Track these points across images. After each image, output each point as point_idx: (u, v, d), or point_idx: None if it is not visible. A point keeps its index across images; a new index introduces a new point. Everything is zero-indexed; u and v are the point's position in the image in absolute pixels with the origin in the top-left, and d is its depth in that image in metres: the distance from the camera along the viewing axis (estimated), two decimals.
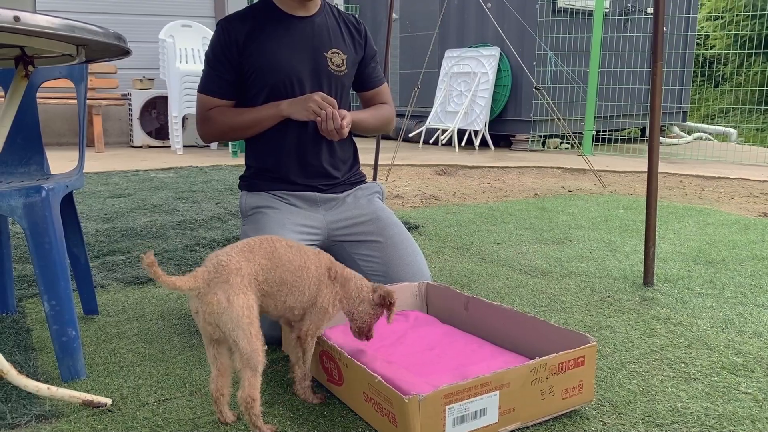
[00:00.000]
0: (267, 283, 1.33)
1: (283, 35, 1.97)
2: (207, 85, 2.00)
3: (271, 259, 1.35)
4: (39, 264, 1.51)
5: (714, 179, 5.09)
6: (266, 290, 1.34)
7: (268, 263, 1.34)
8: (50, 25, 1.04)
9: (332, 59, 2.02)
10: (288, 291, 1.38)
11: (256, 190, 2.03)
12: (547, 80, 6.73)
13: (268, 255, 1.35)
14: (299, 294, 1.39)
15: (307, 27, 2.00)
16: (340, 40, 2.06)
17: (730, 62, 10.22)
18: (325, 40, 2.02)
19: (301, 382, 1.47)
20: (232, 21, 1.98)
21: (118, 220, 3.26)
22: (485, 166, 5.63)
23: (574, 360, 1.37)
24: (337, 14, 2.11)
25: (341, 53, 2.04)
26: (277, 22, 1.98)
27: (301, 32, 1.99)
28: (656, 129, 2.22)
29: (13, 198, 1.49)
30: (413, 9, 7.94)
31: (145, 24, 6.87)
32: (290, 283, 1.37)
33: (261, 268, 1.32)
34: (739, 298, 2.20)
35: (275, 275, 1.35)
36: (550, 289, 2.30)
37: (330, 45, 2.03)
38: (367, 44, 2.13)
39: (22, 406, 1.41)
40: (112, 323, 1.95)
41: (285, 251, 1.38)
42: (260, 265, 1.32)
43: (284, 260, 1.37)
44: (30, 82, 1.84)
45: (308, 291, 1.41)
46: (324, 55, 2.01)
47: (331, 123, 1.87)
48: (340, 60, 2.03)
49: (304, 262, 1.41)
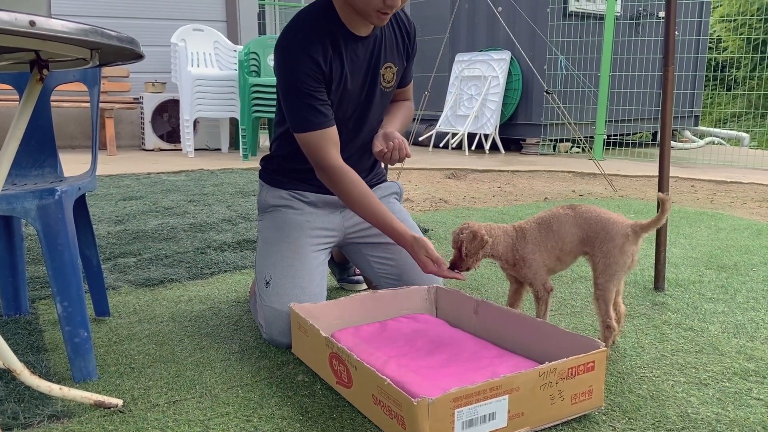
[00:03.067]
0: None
1: (353, 59, 1.82)
2: (306, 119, 1.76)
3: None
4: (52, 266, 1.53)
5: (726, 184, 5.06)
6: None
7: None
8: (65, 30, 1.05)
9: (384, 76, 1.92)
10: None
11: (276, 186, 1.98)
12: (558, 84, 6.72)
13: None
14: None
15: (369, 46, 1.85)
16: (394, 51, 1.94)
17: (743, 66, 10.16)
18: (380, 55, 1.89)
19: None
20: (309, 45, 1.74)
21: (129, 223, 3.28)
22: (495, 169, 5.62)
23: (584, 365, 1.37)
24: (393, 19, 1.93)
25: (393, 66, 1.93)
26: (348, 44, 1.80)
27: (365, 53, 1.85)
28: (667, 133, 2.22)
29: (27, 200, 1.51)
30: (424, 13, 7.95)
31: (157, 28, 6.92)
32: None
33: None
34: (751, 303, 2.18)
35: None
36: (560, 293, 2.29)
37: (384, 59, 1.91)
38: (413, 47, 2.01)
39: (34, 406, 1.43)
40: (123, 325, 1.96)
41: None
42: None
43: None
44: (44, 85, 1.86)
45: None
46: (379, 72, 1.90)
47: (397, 153, 1.88)
48: (391, 75, 1.94)
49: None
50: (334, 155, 1.79)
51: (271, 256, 1.87)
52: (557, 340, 1.52)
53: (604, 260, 1.70)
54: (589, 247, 1.73)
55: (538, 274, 1.75)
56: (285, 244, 1.87)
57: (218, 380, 1.59)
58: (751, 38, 9.15)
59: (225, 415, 1.41)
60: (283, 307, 1.76)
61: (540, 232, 1.75)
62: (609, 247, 1.70)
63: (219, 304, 2.16)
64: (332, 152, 1.79)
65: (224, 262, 2.62)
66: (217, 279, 2.44)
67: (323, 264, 1.93)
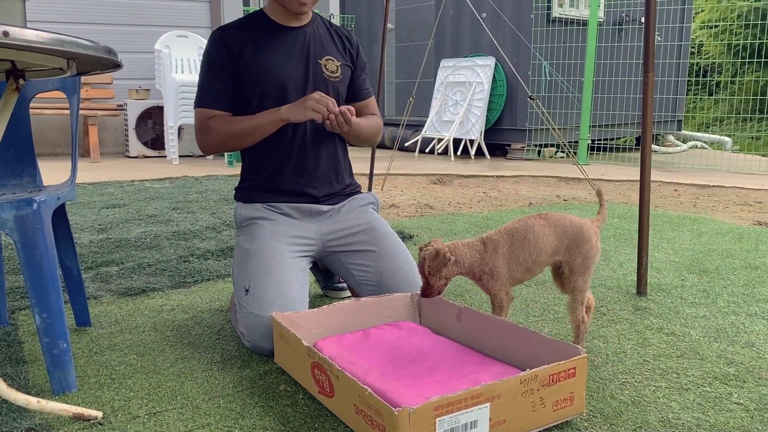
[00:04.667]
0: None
1: (276, 44, 1.99)
2: (203, 97, 2.00)
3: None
4: (30, 276, 1.51)
5: (709, 188, 5.10)
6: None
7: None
8: (40, 40, 1.05)
9: (326, 66, 2.04)
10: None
11: (251, 201, 2.03)
12: (542, 90, 6.75)
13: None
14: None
15: (299, 36, 2.03)
16: (333, 48, 2.09)
17: (725, 71, 10.27)
18: (318, 48, 2.04)
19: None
20: (226, 30, 2.00)
21: (112, 231, 3.26)
22: (481, 175, 5.64)
23: (565, 372, 1.37)
24: (328, 25, 2.13)
25: (335, 60, 2.06)
26: (270, 33, 2.00)
27: (294, 41, 2.01)
28: (648, 138, 2.23)
29: (5, 210, 1.49)
30: (408, 19, 7.98)
31: (141, 34, 6.89)
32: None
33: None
34: (732, 307, 2.20)
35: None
36: (544, 298, 2.30)
37: (323, 52, 2.05)
38: (357, 55, 2.15)
39: (11, 420, 1.41)
40: (104, 335, 1.95)
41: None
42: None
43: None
44: (22, 95, 1.85)
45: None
46: (318, 62, 2.03)
47: (341, 117, 1.87)
48: (335, 66, 2.05)
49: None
50: (210, 123, 1.98)
51: (249, 264, 1.87)
52: (539, 347, 1.53)
53: (584, 261, 1.73)
54: (566, 253, 1.74)
55: (504, 286, 1.72)
56: (262, 252, 1.88)
57: (200, 391, 1.57)
58: (732, 44, 9.25)
59: (206, 426, 1.40)
60: (263, 312, 1.76)
61: (513, 244, 1.71)
62: (587, 248, 1.73)
63: (201, 313, 2.15)
64: (211, 120, 1.98)
65: (207, 271, 2.61)
66: (200, 288, 2.42)
67: (303, 271, 1.93)
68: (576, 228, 1.74)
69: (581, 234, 1.73)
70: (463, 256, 1.70)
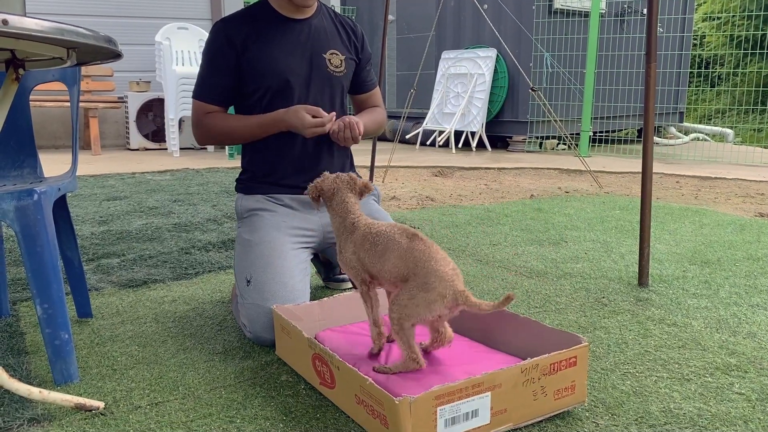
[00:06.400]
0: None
1: (281, 38, 1.97)
2: (203, 90, 1.99)
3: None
4: (31, 267, 1.51)
5: (711, 180, 5.09)
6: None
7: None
8: (39, 29, 1.04)
9: (331, 60, 2.02)
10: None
11: (252, 193, 2.03)
12: (544, 81, 6.73)
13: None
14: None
15: (304, 29, 2.00)
16: (338, 41, 2.06)
17: (727, 63, 10.24)
18: (323, 41, 2.02)
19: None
20: (229, 22, 1.97)
21: (113, 223, 3.26)
22: (482, 167, 5.63)
23: (566, 360, 1.37)
24: (333, 16, 2.11)
25: (339, 54, 2.04)
26: (274, 25, 1.98)
27: (299, 35, 1.99)
28: (650, 130, 2.23)
29: (5, 201, 1.49)
30: (410, 11, 7.95)
31: (141, 26, 6.87)
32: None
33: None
34: (734, 298, 2.20)
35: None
36: (545, 290, 2.30)
37: (328, 46, 2.03)
38: (363, 47, 2.13)
39: (13, 410, 1.41)
40: (105, 326, 1.95)
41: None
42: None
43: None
44: (22, 85, 1.84)
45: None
46: (322, 57, 2.01)
47: (349, 132, 1.88)
48: (339, 60, 2.03)
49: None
50: (207, 119, 1.99)
51: (250, 256, 1.86)
52: (540, 337, 1.53)
53: (409, 300, 1.42)
54: (403, 283, 1.46)
55: (352, 272, 1.55)
56: (264, 243, 1.88)
57: (201, 381, 1.58)
58: (734, 35, 9.22)
59: (208, 416, 1.40)
60: (265, 303, 1.76)
61: (363, 242, 1.52)
62: (416, 293, 1.41)
63: (203, 304, 2.15)
64: (207, 118, 1.98)
65: (209, 262, 2.61)
66: (201, 279, 2.42)
67: (305, 262, 1.92)
68: (424, 269, 1.42)
69: (424, 278, 1.42)
70: (348, 206, 1.56)
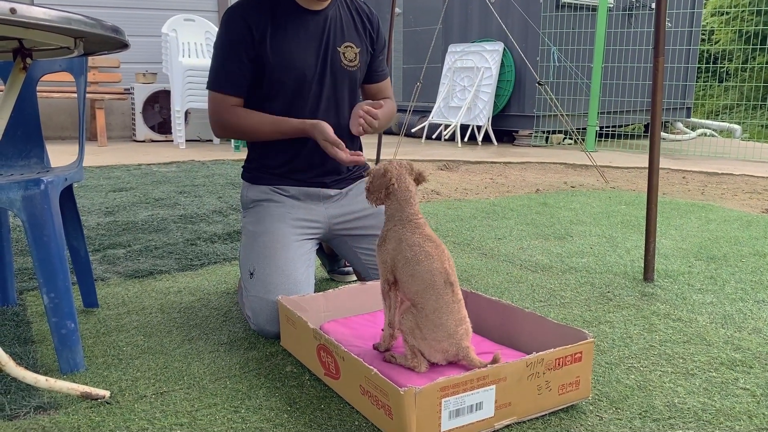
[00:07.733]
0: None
1: (299, 31, 1.92)
2: (220, 79, 1.90)
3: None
4: (38, 257, 1.51)
5: (717, 175, 5.07)
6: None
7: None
8: (47, 17, 1.04)
9: (345, 54, 1.98)
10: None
11: (258, 183, 2.01)
12: (551, 76, 6.71)
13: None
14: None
15: (320, 21, 1.95)
16: (353, 32, 2.02)
17: (735, 58, 10.18)
18: (338, 34, 1.97)
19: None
20: (248, 9, 1.88)
21: (119, 214, 3.26)
22: (488, 161, 5.62)
23: (571, 356, 1.37)
24: (350, 3, 2.05)
25: (354, 47, 2.00)
26: (292, 17, 1.91)
27: (316, 28, 1.94)
28: (657, 125, 2.22)
29: (12, 190, 1.49)
30: (416, 4, 7.92)
31: (148, 18, 6.87)
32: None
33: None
34: (740, 294, 2.19)
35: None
36: (550, 284, 2.29)
37: (343, 39, 1.98)
38: (378, 36, 2.08)
39: (20, 398, 1.42)
40: (111, 316, 1.95)
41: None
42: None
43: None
44: (29, 75, 1.85)
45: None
46: (337, 50, 1.97)
47: (368, 118, 1.89)
48: (353, 54, 2.00)
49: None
50: (230, 115, 1.93)
51: (254, 247, 1.86)
52: (545, 331, 1.53)
53: (417, 331, 1.41)
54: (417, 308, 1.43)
55: (382, 266, 1.49)
56: (267, 235, 1.87)
57: (206, 371, 1.58)
58: (743, 30, 9.16)
59: (213, 406, 1.41)
60: (268, 296, 1.76)
61: (405, 251, 1.44)
62: (425, 333, 1.41)
63: (208, 295, 2.15)
64: (229, 112, 1.92)
65: (214, 254, 2.62)
66: (206, 270, 2.43)
67: (309, 253, 1.92)
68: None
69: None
70: (410, 196, 1.51)
